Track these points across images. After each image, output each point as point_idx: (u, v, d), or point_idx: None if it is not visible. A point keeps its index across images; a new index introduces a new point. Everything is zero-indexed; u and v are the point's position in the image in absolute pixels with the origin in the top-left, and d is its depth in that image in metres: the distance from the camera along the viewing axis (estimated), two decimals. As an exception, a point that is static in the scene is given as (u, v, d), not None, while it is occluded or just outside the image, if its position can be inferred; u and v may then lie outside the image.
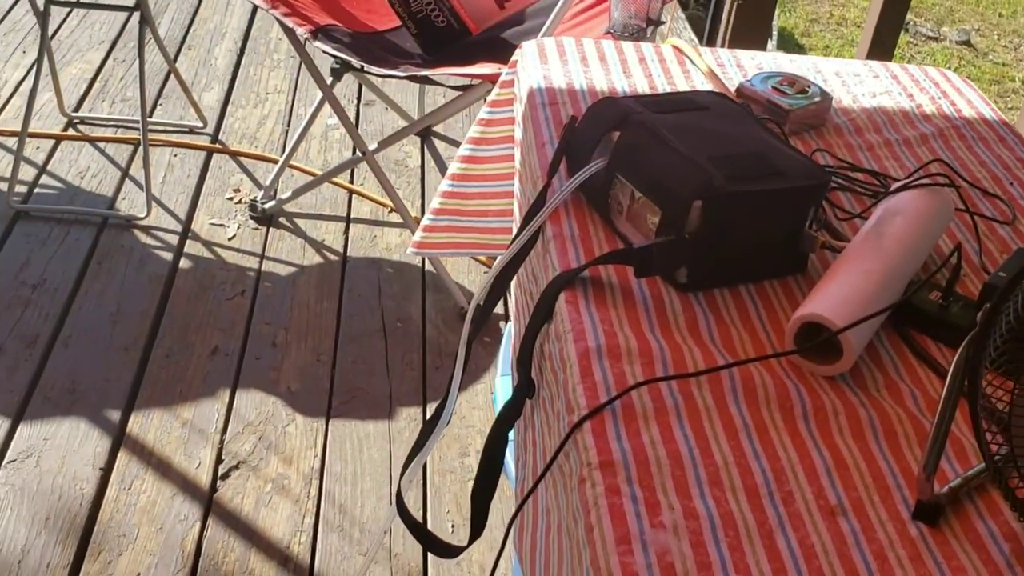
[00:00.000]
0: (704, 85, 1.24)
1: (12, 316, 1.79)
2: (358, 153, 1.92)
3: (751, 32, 2.28)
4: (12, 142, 2.26)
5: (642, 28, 1.67)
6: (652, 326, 0.86)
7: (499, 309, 1.96)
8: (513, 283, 1.20)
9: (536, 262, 1.04)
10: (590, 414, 0.77)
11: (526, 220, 1.01)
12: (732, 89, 1.21)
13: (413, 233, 2.02)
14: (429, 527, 1.49)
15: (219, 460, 1.56)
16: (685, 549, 0.67)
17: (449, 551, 1.08)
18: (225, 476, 1.54)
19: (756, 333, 0.87)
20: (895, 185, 0.99)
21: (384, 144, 1.91)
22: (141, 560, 1.39)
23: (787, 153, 0.94)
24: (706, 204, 0.87)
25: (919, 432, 0.77)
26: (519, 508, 0.89)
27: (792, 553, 0.68)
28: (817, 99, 1.16)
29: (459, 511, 1.52)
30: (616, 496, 0.71)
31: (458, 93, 1.83)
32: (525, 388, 0.97)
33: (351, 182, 2.28)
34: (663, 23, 1.67)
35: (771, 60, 1.33)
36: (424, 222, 1.57)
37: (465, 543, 0.96)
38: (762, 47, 2.40)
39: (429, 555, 1.45)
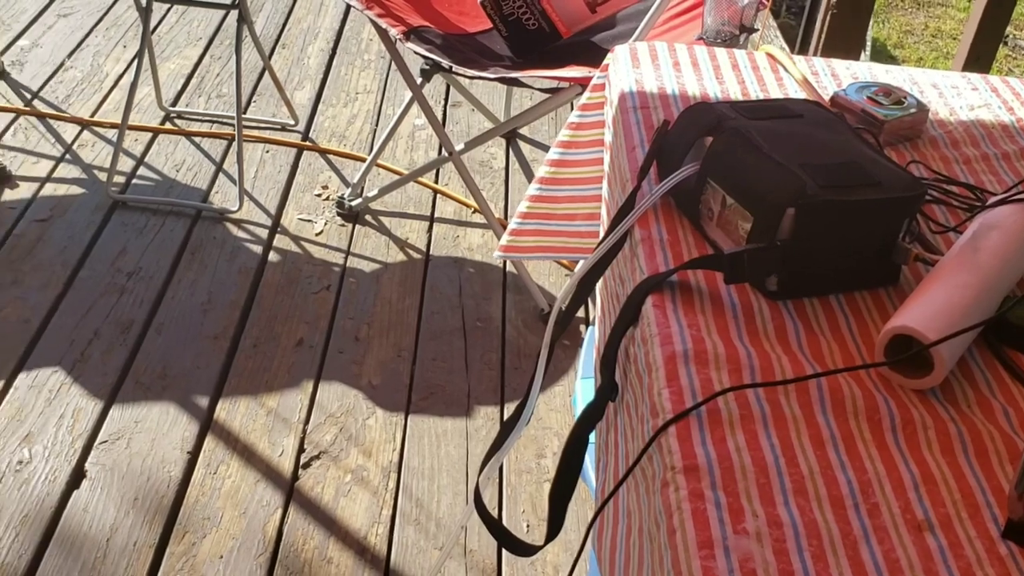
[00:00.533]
0: (797, 93, 1.23)
1: (108, 303, 1.86)
2: (444, 153, 1.94)
3: (845, 42, 2.25)
4: (112, 134, 2.34)
5: (735, 35, 1.67)
6: (740, 333, 0.86)
7: (580, 312, 1.97)
8: (599, 286, 1.21)
9: (623, 265, 1.04)
10: (675, 418, 0.77)
11: (614, 223, 1.01)
12: (826, 98, 1.20)
13: (496, 234, 2.05)
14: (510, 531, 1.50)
15: (301, 449, 1.60)
16: (768, 556, 0.67)
17: (525, 549, 1.09)
18: (307, 465, 1.57)
19: (845, 344, 0.86)
20: (993, 199, 0.97)
21: (470, 145, 1.94)
22: (224, 543, 1.43)
23: (882, 163, 0.92)
24: (799, 212, 0.86)
25: (1011, 450, 0.76)
26: (599, 510, 0.90)
27: (877, 566, 0.67)
28: (913, 110, 1.14)
29: (534, 511, 1.53)
30: (700, 501, 0.71)
31: (546, 96, 1.84)
32: (608, 390, 0.97)
33: (436, 182, 2.30)
34: (756, 30, 1.66)
35: (866, 70, 1.31)
36: (511, 226, 1.58)
37: (540, 543, 0.97)
38: (855, 57, 2.37)
39: (504, 554, 1.46)
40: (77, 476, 1.51)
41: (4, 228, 2.02)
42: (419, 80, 2.02)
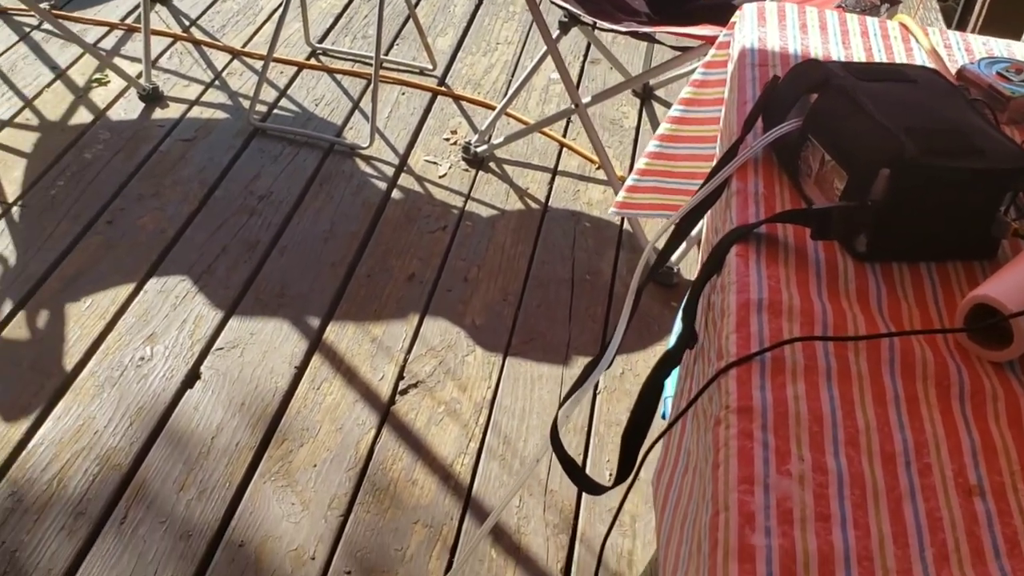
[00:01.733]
0: (925, 64, 1.20)
1: (238, 221, 1.95)
2: (572, 105, 1.96)
3: (1004, 23, 2.15)
4: (259, 65, 2.44)
5: (876, 6, 1.62)
6: (820, 289, 0.86)
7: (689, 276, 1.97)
8: (702, 240, 1.21)
9: (718, 216, 1.04)
10: (738, 362, 0.78)
11: (714, 171, 1.02)
12: (953, 71, 1.16)
13: (615, 191, 2.05)
14: (586, 472, 1.52)
15: (400, 377, 1.66)
16: (807, 499, 0.68)
17: (593, 487, 1.11)
18: (404, 392, 1.63)
19: (927, 311, 0.85)
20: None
21: (598, 98, 1.95)
22: (319, 454, 1.50)
23: (992, 135, 0.90)
24: (894, 173, 0.85)
25: (1082, 429, 0.74)
26: (652, 445, 0.91)
27: (917, 521, 0.67)
28: (1044, 88, 1.10)
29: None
30: (748, 440, 0.72)
31: (676, 54, 1.83)
32: (687, 338, 0.98)
33: (564, 136, 2.32)
34: (899, 2, 1.61)
35: (1003, 46, 1.27)
36: (628, 182, 1.59)
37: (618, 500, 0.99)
38: (1015, 39, 2.26)
39: (583, 499, 1.49)
40: (192, 377, 1.61)
41: (151, 144, 2.14)
42: (556, 33, 2.03)
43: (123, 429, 1.50)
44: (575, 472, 1.22)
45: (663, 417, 1.46)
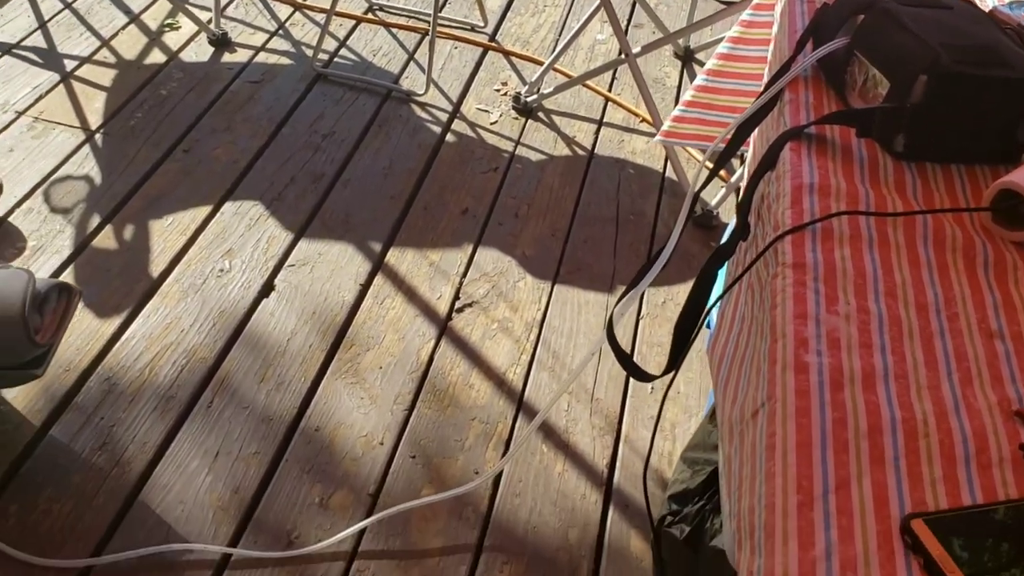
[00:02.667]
0: (959, 3, 1.31)
1: (304, 156, 2.08)
2: (621, 55, 2.08)
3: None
4: (321, 17, 2.57)
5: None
6: (863, 178, 0.98)
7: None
8: (748, 157, 1.33)
9: (770, 127, 1.16)
10: (793, 229, 0.90)
11: (769, 84, 1.14)
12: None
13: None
14: (628, 390, 1.65)
15: (456, 297, 1.78)
16: (852, 331, 0.80)
17: (644, 376, 1.24)
18: (460, 310, 1.76)
19: (957, 200, 0.97)
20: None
21: (646, 49, 2.07)
22: (383, 359, 1.63)
23: (1020, 53, 1.02)
24: (930, 80, 0.97)
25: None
26: (708, 310, 1.04)
27: (946, 352, 0.79)
28: (1068, 26, 1.21)
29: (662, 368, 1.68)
30: (801, 287, 0.84)
31: (721, 7, 1.95)
32: (741, 231, 1.10)
33: (609, 91, 2.44)
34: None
35: (1032, -7, 1.38)
36: (674, 112, 1.71)
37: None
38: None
39: (626, 405, 1.62)
40: (267, 288, 1.74)
41: (221, 84, 2.27)
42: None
43: (207, 329, 1.64)
44: (627, 361, 1.35)
45: (707, 327, 1.59)
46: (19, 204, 1.84)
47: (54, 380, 1.50)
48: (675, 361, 1.24)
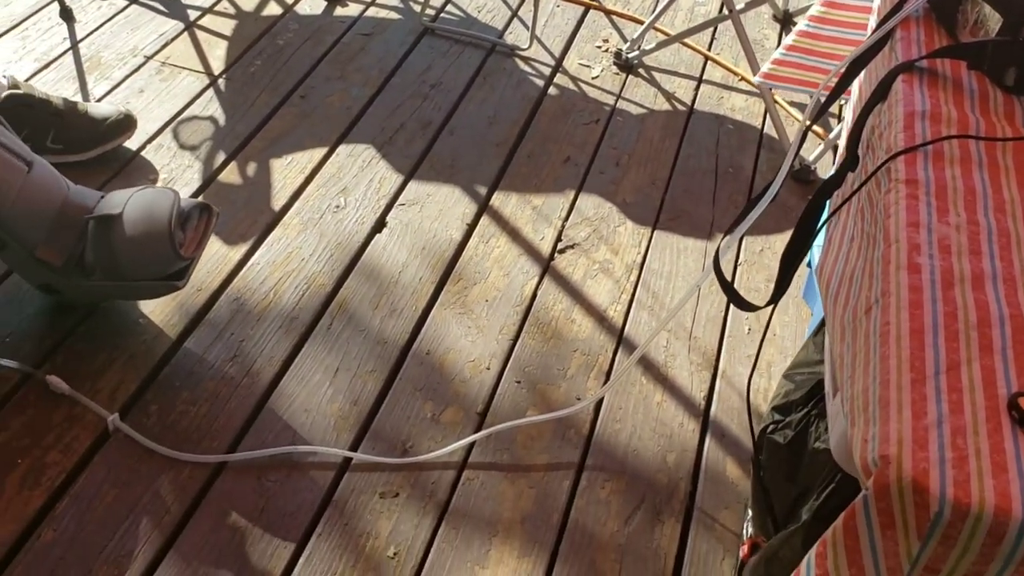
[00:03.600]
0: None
1: (413, 104, 2.17)
2: (725, 11, 2.11)
3: None
4: (428, -26, 2.65)
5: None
6: (973, 107, 1.02)
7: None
8: (854, 99, 1.37)
9: (880, 65, 1.21)
10: (906, 150, 0.95)
11: (882, 22, 1.18)
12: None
13: (760, 96, 2.22)
14: (725, 330, 1.71)
15: (558, 239, 1.86)
16: (962, 239, 0.85)
17: (748, 306, 1.29)
18: (562, 251, 1.83)
19: (1067, 128, 1.01)
20: None
21: (751, 5, 2.10)
22: (489, 292, 1.72)
23: None
24: (1047, 11, 1.00)
25: None
26: (817, 231, 1.09)
27: (1053, 260, 0.84)
28: None
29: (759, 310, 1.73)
30: (914, 200, 0.89)
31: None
32: (850, 162, 1.15)
33: (708, 50, 2.48)
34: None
35: None
36: (775, 55, 1.76)
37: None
38: None
39: (723, 344, 1.67)
40: (379, 225, 1.84)
41: (334, 36, 2.37)
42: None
43: (325, 259, 1.74)
44: (732, 292, 1.41)
45: (808, 266, 1.63)
46: (150, 140, 1.96)
47: (187, 298, 1.61)
48: (781, 289, 1.29)
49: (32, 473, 1.33)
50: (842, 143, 1.28)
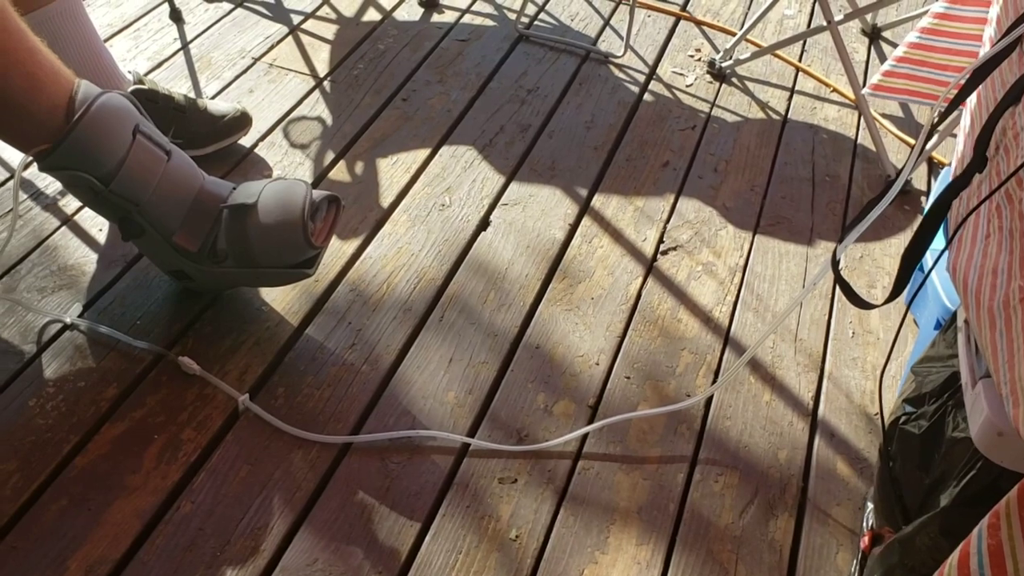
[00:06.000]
0: None
1: (511, 109, 2.21)
2: (823, 22, 2.13)
3: None
4: (521, -17, 2.70)
5: None
6: (1119, 105, 1.03)
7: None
8: (972, 104, 1.38)
9: (1008, 71, 1.22)
10: (1053, 145, 0.97)
11: (1009, 30, 1.19)
12: None
13: (853, 108, 2.23)
14: (830, 332, 1.72)
15: (661, 240, 1.88)
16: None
17: (865, 304, 1.31)
18: (665, 252, 1.85)
19: None
20: None
21: (849, 17, 2.12)
22: (594, 290, 1.75)
23: None
24: None
25: None
26: (959, 225, 1.11)
27: None
28: None
29: (858, 319, 1.74)
30: (1067, 191, 0.91)
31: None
32: (977, 163, 1.16)
33: (799, 61, 2.50)
34: None
35: None
36: (884, 67, 1.77)
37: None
38: None
39: (829, 345, 1.69)
40: (484, 223, 1.88)
41: (432, 41, 2.42)
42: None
43: (434, 254, 1.78)
44: (849, 291, 1.42)
45: (920, 270, 1.64)
46: (263, 138, 2.02)
47: (307, 288, 1.66)
48: (899, 287, 1.30)
49: (169, 448, 1.38)
50: (961, 146, 1.29)
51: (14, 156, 1.89)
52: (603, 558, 1.32)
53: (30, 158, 1.36)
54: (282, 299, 1.63)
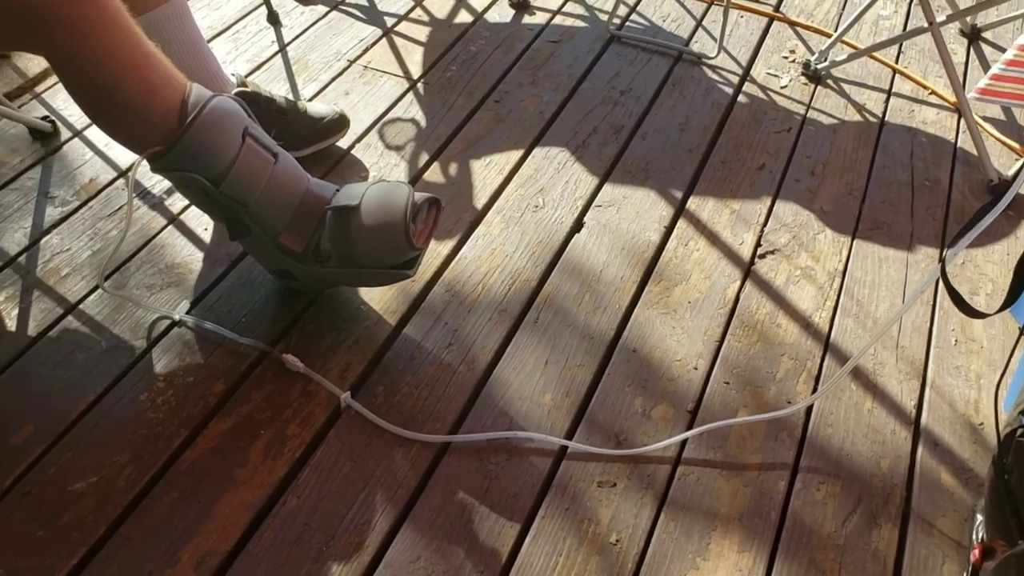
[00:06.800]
0: None
1: (604, 110, 2.21)
2: (924, 23, 2.09)
3: None
4: (611, -16, 2.69)
5: None
6: None
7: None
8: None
9: None
10: None
11: None
12: None
13: (954, 111, 2.18)
14: (931, 340, 1.68)
15: (758, 244, 1.86)
16: None
17: (974, 313, 1.28)
18: (762, 256, 1.83)
19: None
20: None
21: (951, 18, 2.07)
22: (691, 294, 1.73)
23: None
24: None
25: None
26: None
27: None
28: None
29: (961, 328, 1.70)
30: None
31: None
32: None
33: (896, 63, 2.45)
34: None
35: None
36: (992, 71, 1.73)
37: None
38: None
39: (931, 354, 1.65)
40: (578, 225, 1.88)
41: (524, 43, 2.43)
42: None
43: (528, 255, 1.79)
44: (959, 300, 1.39)
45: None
46: (359, 139, 2.05)
47: (404, 288, 1.68)
48: (1013, 296, 1.27)
49: (275, 444, 1.41)
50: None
51: (122, 156, 1.95)
52: (704, 564, 1.31)
53: (142, 159, 1.40)
54: (380, 299, 1.66)
